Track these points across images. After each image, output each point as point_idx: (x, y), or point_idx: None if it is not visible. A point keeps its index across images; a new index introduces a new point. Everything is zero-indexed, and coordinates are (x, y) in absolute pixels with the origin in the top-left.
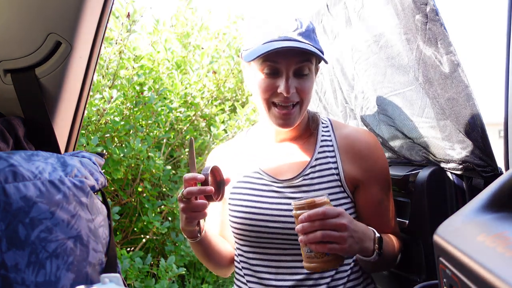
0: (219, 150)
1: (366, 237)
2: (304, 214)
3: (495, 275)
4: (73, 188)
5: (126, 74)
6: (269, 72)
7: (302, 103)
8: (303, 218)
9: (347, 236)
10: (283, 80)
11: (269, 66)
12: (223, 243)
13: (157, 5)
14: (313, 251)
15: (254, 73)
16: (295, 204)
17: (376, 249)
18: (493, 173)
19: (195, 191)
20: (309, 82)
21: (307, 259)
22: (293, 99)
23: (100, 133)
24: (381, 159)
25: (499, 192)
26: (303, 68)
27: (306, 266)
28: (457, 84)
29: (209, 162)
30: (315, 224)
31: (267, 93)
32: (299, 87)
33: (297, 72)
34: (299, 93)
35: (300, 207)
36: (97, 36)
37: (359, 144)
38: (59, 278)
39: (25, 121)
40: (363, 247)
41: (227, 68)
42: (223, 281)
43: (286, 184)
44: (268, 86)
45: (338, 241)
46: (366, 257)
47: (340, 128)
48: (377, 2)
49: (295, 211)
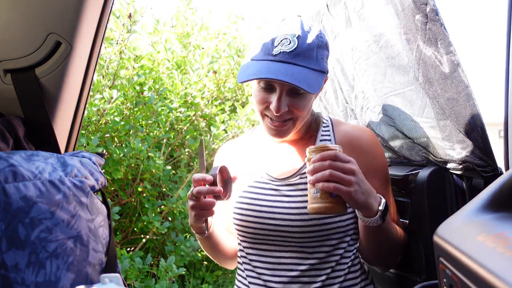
0: (226, 148)
1: (372, 194)
2: (317, 156)
3: (495, 275)
4: (73, 188)
5: (126, 74)
6: (264, 87)
7: (295, 119)
8: (315, 159)
9: (354, 181)
10: (276, 98)
11: (264, 81)
12: (228, 238)
13: (157, 5)
14: (319, 192)
15: (253, 82)
16: (309, 148)
17: (380, 211)
18: (493, 173)
19: (204, 191)
20: (304, 101)
21: (312, 200)
22: (284, 116)
23: (100, 133)
24: (379, 154)
25: (499, 192)
26: (298, 88)
27: (309, 208)
28: (457, 84)
29: (217, 160)
30: (325, 164)
31: (260, 106)
32: (292, 105)
33: (292, 91)
34: (292, 110)
35: (314, 150)
36: (97, 36)
37: (357, 140)
38: (59, 278)
39: (25, 121)
40: (368, 202)
41: (227, 68)
42: (223, 281)
43: (283, 182)
44: (261, 99)
45: (345, 184)
46: (368, 218)
47: (340, 126)
48: (377, 2)
49: (309, 155)
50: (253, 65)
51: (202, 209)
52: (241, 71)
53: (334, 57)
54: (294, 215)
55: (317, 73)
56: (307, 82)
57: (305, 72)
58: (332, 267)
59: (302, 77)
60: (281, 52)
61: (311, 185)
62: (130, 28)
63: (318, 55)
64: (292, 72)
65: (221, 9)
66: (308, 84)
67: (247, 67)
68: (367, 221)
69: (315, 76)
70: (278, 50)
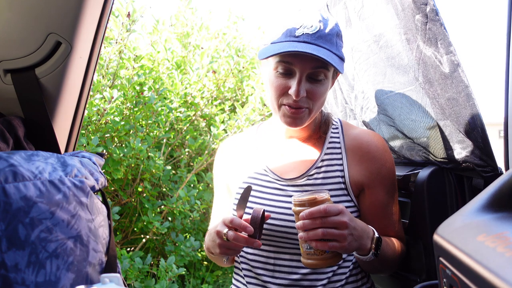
0: (228, 144)
1: (365, 235)
2: (306, 211)
3: (495, 275)
4: (73, 188)
5: (126, 74)
6: (283, 72)
7: (312, 107)
8: (304, 215)
9: (347, 234)
10: (295, 82)
11: (283, 66)
12: None
13: (157, 5)
14: (313, 248)
15: (269, 69)
16: (295, 200)
17: (372, 249)
18: (493, 173)
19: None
20: (322, 88)
21: (307, 255)
22: (302, 103)
23: (100, 133)
24: (388, 162)
25: (499, 192)
26: (318, 73)
27: (304, 262)
28: (457, 84)
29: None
30: (316, 221)
31: (278, 92)
32: (311, 91)
33: (311, 76)
34: (310, 97)
35: (301, 203)
36: (97, 36)
37: (367, 146)
38: (59, 278)
39: (25, 121)
40: (361, 245)
41: (227, 68)
42: (223, 281)
43: (289, 182)
44: (279, 85)
45: (338, 239)
46: (361, 256)
47: (350, 129)
48: (377, 2)
49: (295, 207)
50: (275, 45)
51: (229, 249)
52: (262, 51)
53: None
54: None
55: (338, 57)
56: (333, 61)
57: (328, 53)
58: (334, 271)
59: (328, 55)
60: (304, 33)
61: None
62: (129, 27)
63: (338, 42)
64: (318, 50)
65: (221, 9)
66: (335, 63)
67: (268, 48)
68: (361, 258)
69: (337, 59)
70: (301, 32)
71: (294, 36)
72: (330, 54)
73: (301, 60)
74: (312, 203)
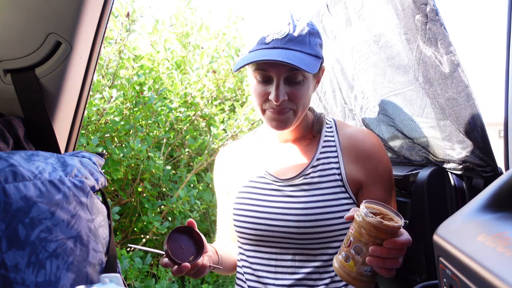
0: (225, 152)
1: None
2: (397, 242)
3: (495, 275)
4: (73, 188)
5: (126, 74)
6: (261, 79)
7: (296, 108)
8: (389, 245)
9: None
10: (274, 88)
11: (260, 74)
12: (232, 252)
13: (157, 5)
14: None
15: (250, 78)
16: (382, 223)
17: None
18: (493, 173)
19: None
20: (303, 89)
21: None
22: (284, 106)
23: (100, 133)
24: (384, 159)
25: (499, 192)
26: (295, 75)
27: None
28: (457, 84)
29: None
30: (399, 252)
31: (260, 99)
32: (291, 93)
33: (289, 79)
34: (292, 99)
35: (388, 229)
36: (97, 36)
37: (362, 144)
38: (59, 278)
39: (25, 121)
40: None
41: (226, 68)
42: (223, 281)
43: (286, 183)
44: (260, 92)
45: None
46: None
47: (344, 128)
48: (377, 2)
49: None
50: (249, 55)
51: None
52: (237, 62)
53: (334, 57)
54: (297, 215)
55: (311, 57)
56: (302, 63)
57: (299, 54)
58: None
59: (297, 58)
60: (274, 39)
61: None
62: (129, 27)
63: (311, 41)
64: (286, 55)
65: (221, 9)
66: (305, 64)
67: (242, 58)
68: None
69: (310, 59)
70: (271, 38)
71: (264, 43)
72: (301, 55)
73: (275, 66)
74: (395, 232)
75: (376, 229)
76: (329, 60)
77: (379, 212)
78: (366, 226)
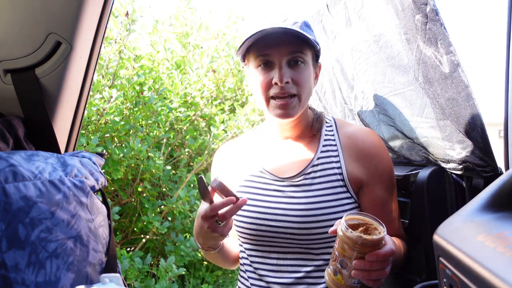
0: (223, 150)
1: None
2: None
3: (495, 275)
4: (73, 188)
5: (126, 74)
6: (263, 66)
7: (300, 94)
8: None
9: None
10: (277, 70)
11: (262, 60)
12: (231, 244)
13: (157, 5)
14: (360, 283)
15: (252, 70)
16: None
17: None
18: (493, 173)
19: (234, 209)
20: (305, 73)
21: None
22: (288, 90)
23: (100, 133)
24: (385, 158)
25: (499, 192)
26: (296, 58)
27: None
28: (457, 84)
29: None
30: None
31: (264, 86)
32: (294, 77)
33: (290, 62)
34: (295, 83)
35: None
36: (97, 36)
37: (363, 143)
38: (59, 278)
39: (25, 121)
40: None
41: (226, 67)
42: (223, 281)
43: (287, 182)
44: (264, 79)
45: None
46: None
47: (344, 127)
48: (377, 2)
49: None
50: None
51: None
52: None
53: (334, 57)
54: (299, 217)
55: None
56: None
57: (297, 32)
58: None
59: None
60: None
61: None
62: (129, 27)
63: (307, 30)
64: (286, 29)
65: (221, 9)
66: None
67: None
68: None
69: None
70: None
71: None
72: (298, 32)
73: (277, 49)
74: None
75: (356, 243)
76: (329, 60)
77: (363, 222)
78: (348, 241)
